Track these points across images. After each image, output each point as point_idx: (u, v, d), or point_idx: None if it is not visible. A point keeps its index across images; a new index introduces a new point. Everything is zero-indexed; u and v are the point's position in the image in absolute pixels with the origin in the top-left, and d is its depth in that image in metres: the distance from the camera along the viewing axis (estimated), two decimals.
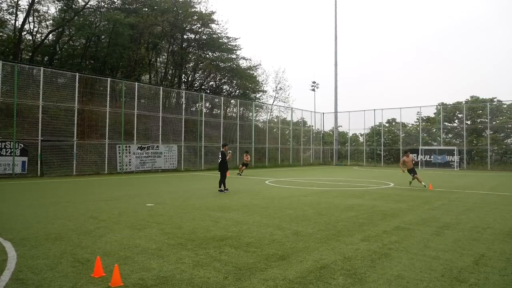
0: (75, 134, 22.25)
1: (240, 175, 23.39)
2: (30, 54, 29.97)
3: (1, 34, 28.96)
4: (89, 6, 31.92)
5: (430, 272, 4.71)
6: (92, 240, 6.16)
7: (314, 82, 52.25)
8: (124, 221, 7.87)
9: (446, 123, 41.69)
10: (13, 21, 28.97)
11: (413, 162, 16.67)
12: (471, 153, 38.53)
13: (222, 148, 14.61)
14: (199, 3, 38.72)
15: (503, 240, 6.45)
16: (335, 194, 13.21)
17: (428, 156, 36.48)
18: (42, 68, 21.70)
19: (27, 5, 28.19)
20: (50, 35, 31.38)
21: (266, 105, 44.93)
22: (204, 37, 40.19)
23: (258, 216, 8.62)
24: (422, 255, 5.44)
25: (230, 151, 14.77)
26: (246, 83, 43.14)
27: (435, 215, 8.89)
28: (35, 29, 30.73)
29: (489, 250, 5.81)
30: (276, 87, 50.32)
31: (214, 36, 40.21)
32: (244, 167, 24.53)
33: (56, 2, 30.40)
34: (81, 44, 33.29)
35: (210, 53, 41.56)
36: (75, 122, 22.33)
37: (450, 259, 5.29)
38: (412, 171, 16.26)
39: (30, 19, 29.43)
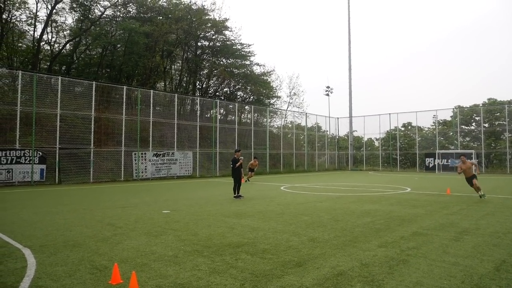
0: (92, 142, 22.64)
1: (248, 180, 22.71)
2: (48, 64, 30.75)
3: (20, 44, 29.81)
4: (105, 16, 32.66)
5: (450, 278, 4.61)
6: (109, 247, 6.24)
7: (328, 87, 52.02)
8: (140, 228, 7.94)
9: (463, 126, 40.97)
10: (32, 32, 29.83)
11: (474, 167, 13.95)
12: (489, 157, 37.70)
13: (234, 154, 14.62)
14: (213, 10, 39.26)
15: None
16: (351, 200, 13.08)
17: (445, 160, 35.84)
18: (60, 77, 22.23)
19: (45, 16, 29.02)
20: (68, 45, 32.18)
21: (280, 110, 45.00)
22: (218, 44, 40.57)
23: (273, 222, 8.60)
24: (441, 261, 5.33)
25: (242, 157, 14.69)
26: (260, 89, 43.29)
27: (454, 220, 8.71)
28: (53, 39, 31.63)
29: (511, 256, 5.66)
30: (290, 92, 50.37)
31: (227, 43, 40.55)
32: (251, 172, 23.36)
33: (73, 12, 31.23)
34: (98, 53, 34.00)
35: (224, 59, 41.90)
36: (92, 130, 22.74)
37: (470, 265, 5.17)
38: (471, 179, 13.64)
39: (48, 29, 30.27)
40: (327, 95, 52.26)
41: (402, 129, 44.24)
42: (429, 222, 8.56)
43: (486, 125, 38.74)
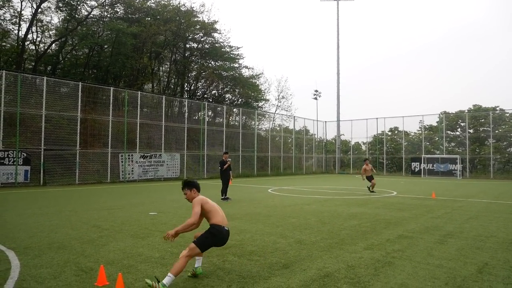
0: (77, 143, 22.34)
1: (374, 191, 17.56)
2: (33, 64, 30.24)
3: (4, 44, 29.27)
4: (92, 16, 32.31)
5: (434, 280, 4.69)
6: (95, 249, 6.17)
7: (316, 91, 52.45)
8: (127, 229, 7.87)
9: (448, 131, 41.70)
10: (16, 31, 29.34)
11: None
12: (473, 162, 38.43)
13: (222, 156, 14.61)
14: (202, 12, 39.24)
15: (507, 249, 6.42)
16: (338, 203, 13.18)
17: (431, 164, 36.41)
18: (45, 78, 21.89)
19: (31, 15, 28.56)
20: (53, 44, 31.71)
21: (268, 113, 45.11)
22: (206, 46, 40.52)
23: (261, 224, 8.61)
24: (425, 264, 5.42)
25: (230, 159, 14.70)
26: (248, 92, 43.35)
27: (438, 224, 8.86)
28: (38, 39, 31.14)
29: (493, 258, 5.79)
30: (278, 95, 50.72)
31: (216, 45, 40.53)
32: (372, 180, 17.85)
33: (59, 12, 30.79)
34: (84, 53, 33.60)
35: (212, 62, 41.85)
36: (78, 131, 22.43)
37: (454, 267, 5.27)
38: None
39: (33, 29, 29.80)
40: (315, 99, 52.69)
41: (389, 133, 44.79)
42: (414, 225, 8.69)
43: (471, 131, 39.50)
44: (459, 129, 42.60)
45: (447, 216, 10.10)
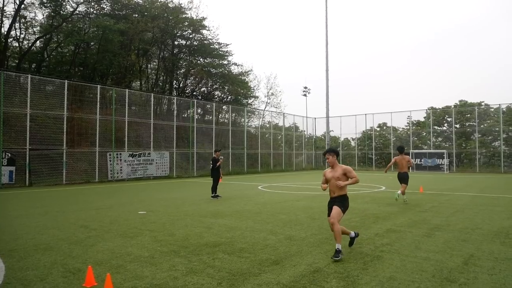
0: (64, 142, 22.01)
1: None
2: (17, 61, 29.63)
3: None
4: (77, 12, 31.73)
5: (421, 273, 4.76)
6: (83, 250, 6.10)
7: (305, 88, 52.65)
8: (115, 229, 7.80)
9: (435, 126, 42.23)
10: None
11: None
12: (460, 156, 39.01)
13: (214, 154, 14.55)
14: (190, 9, 38.77)
15: (491, 240, 6.54)
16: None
17: (419, 159, 36.86)
18: (29, 76, 21.48)
19: (13, 11, 27.93)
20: (38, 41, 31.07)
21: (258, 110, 45.04)
22: (195, 43, 40.23)
23: (251, 221, 8.62)
24: (413, 257, 5.49)
25: (222, 157, 14.69)
26: (238, 89, 43.22)
27: (426, 217, 8.98)
28: (22, 35, 30.42)
29: (478, 250, 5.89)
30: (268, 92, 50.57)
31: (205, 42, 40.26)
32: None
33: (43, 8, 30.15)
34: (70, 50, 33.02)
35: (201, 59, 41.57)
36: (65, 130, 22.09)
37: (441, 260, 5.35)
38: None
39: (17, 25, 29.16)
40: (305, 95, 52.85)
41: (378, 129, 45.16)
42: (402, 219, 8.79)
43: (457, 126, 40.07)
44: (445, 124, 43.18)
45: (434, 210, 10.25)
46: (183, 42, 40.27)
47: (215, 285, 4.37)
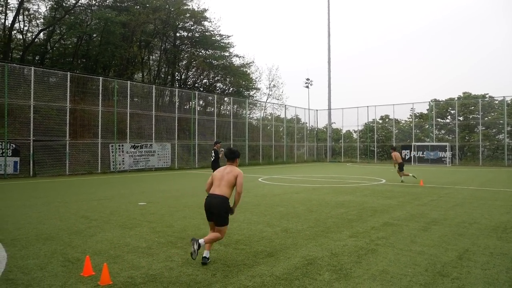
0: (67, 134, 22.15)
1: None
2: (20, 54, 29.70)
3: None
4: (79, 4, 31.70)
5: (414, 267, 4.81)
6: (82, 240, 6.21)
7: (307, 79, 52.36)
8: (115, 220, 7.91)
9: (438, 119, 42.05)
10: (2, 20, 28.73)
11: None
12: (463, 149, 38.90)
13: (215, 145, 14.56)
14: (191, 0, 38.68)
15: (488, 235, 6.57)
16: (327, 191, 13.32)
17: (421, 152, 36.77)
18: (33, 68, 21.57)
19: (17, 3, 27.94)
20: (41, 34, 31.13)
21: (259, 102, 45.03)
22: (196, 35, 40.10)
23: (249, 213, 8.70)
24: (407, 251, 5.55)
25: (223, 149, 14.71)
26: (239, 81, 43.15)
27: (424, 211, 9.02)
28: (26, 28, 30.52)
29: (474, 245, 5.93)
30: (269, 84, 50.44)
31: (207, 33, 40.12)
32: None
33: (46, 0, 30.17)
34: (73, 42, 33.06)
35: (203, 51, 41.48)
36: (67, 122, 22.23)
37: (435, 254, 5.40)
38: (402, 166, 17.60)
39: (20, 18, 29.21)
40: (307, 87, 52.62)
41: (380, 121, 45.05)
42: (400, 212, 8.84)
43: (461, 118, 39.89)
44: (449, 117, 43.01)
45: (433, 203, 10.28)
46: (185, 33, 40.17)
47: (209, 276, 4.46)
